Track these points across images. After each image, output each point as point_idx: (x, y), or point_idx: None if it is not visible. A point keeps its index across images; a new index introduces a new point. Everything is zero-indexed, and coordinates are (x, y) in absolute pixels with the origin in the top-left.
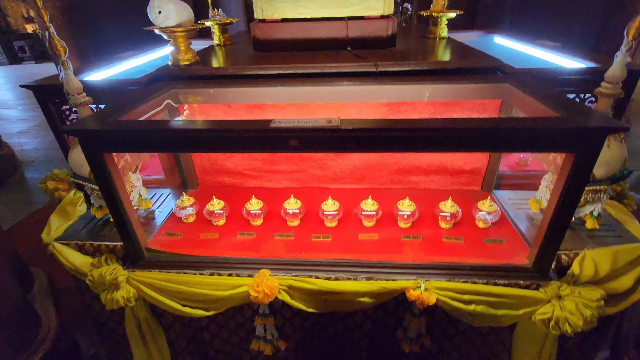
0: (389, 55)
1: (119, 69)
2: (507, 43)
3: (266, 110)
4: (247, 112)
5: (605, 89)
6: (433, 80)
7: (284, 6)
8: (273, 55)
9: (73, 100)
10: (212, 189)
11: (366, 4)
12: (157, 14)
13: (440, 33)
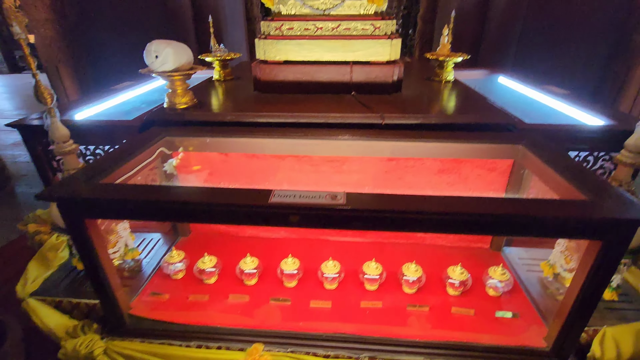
0: (395, 102)
1: (115, 102)
2: (512, 84)
3: (266, 162)
4: (245, 163)
5: (626, 157)
6: (442, 136)
7: (288, 49)
8: (274, 98)
9: (58, 149)
10: (204, 237)
11: (372, 49)
12: (154, 59)
13: (447, 77)
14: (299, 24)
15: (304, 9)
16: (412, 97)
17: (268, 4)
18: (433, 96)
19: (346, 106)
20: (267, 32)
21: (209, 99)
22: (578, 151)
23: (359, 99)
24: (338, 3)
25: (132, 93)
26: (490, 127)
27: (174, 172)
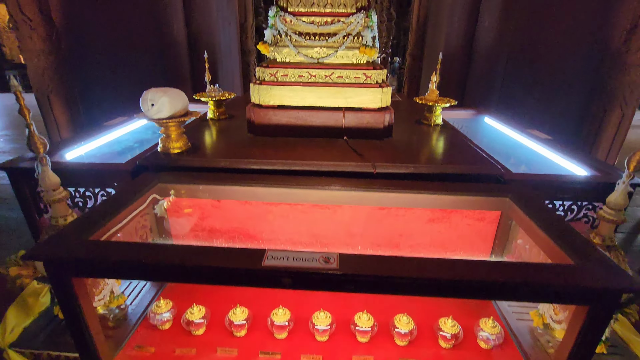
0: (386, 149)
1: (108, 139)
2: (497, 126)
3: (258, 209)
4: (237, 210)
5: (608, 214)
6: (431, 187)
7: (282, 94)
8: (267, 141)
9: (48, 197)
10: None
11: (364, 97)
12: (150, 107)
13: (435, 120)
14: (293, 71)
15: (298, 57)
16: (402, 143)
17: (264, 51)
18: (423, 143)
19: (339, 152)
20: (262, 78)
21: (202, 142)
22: (562, 200)
23: (351, 145)
24: (331, 53)
25: (125, 129)
26: (479, 177)
27: (164, 215)
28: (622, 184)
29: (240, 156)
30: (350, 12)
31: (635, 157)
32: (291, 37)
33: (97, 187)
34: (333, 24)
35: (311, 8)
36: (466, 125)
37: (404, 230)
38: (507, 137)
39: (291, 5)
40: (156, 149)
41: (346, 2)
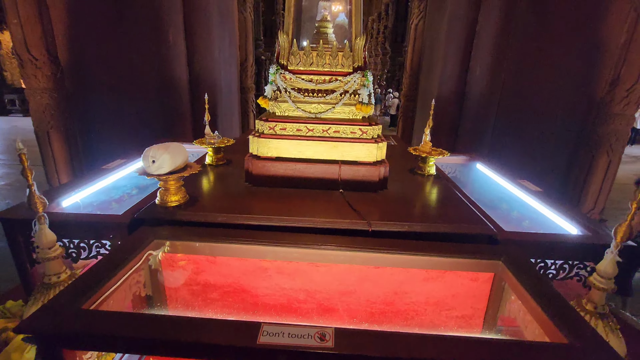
0: (381, 203)
1: (106, 183)
2: (489, 174)
3: (253, 267)
4: (232, 267)
5: (598, 282)
6: (426, 248)
7: (280, 147)
8: (265, 193)
9: (43, 254)
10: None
11: (360, 151)
12: (151, 163)
13: (429, 171)
14: (291, 125)
15: (297, 112)
16: (397, 197)
17: (264, 105)
18: (417, 197)
19: (335, 206)
20: (261, 131)
21: (200, 192)
22: (554, 259)
23: (347, 199)
24: (329, 109)
25: (123, 172)
26: (472, 236)
27: (159, 268)
28: (611, 254)
29: (238, 209)
30: (347, 72)
31: (621, 228)
32: (290, 93)
33: (93, 238)
34: (331, 82)
35: (310, 67)
36: (459, 171)
37: (398, 289)
38: (498, 186)
39: (291, 64)
40: (154, 201)
41: (344, 62)
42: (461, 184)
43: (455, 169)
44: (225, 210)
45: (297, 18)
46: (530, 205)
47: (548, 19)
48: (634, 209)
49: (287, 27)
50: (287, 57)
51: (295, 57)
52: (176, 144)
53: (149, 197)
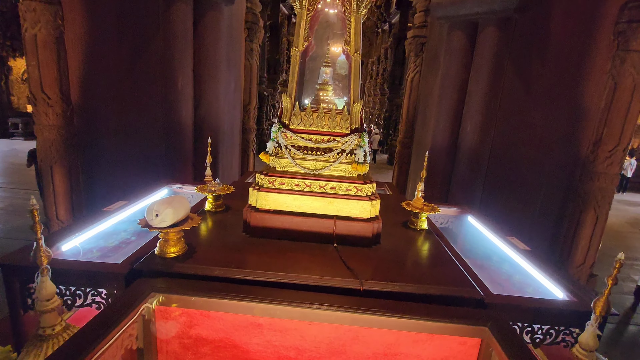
0: (374, 259)
1: (106, 226)
2: (479, 227)
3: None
4: (226, 322)
5: (580, 354)
6: (416, 311)
7: (279, 200)
8: (261, 245)
9: (40, 306)
10: None
11: (355, 208)
12: (154, 217)
13: (421, 225)
14: (290, 180)
15: (296, 168)
16: (390, 253)
17: (264, 159)
18: (409, 253)
19: (328, 261)
20: (261, 184)
21: (199, 243)
22: (540, 324)
23: (341, 255)
24: (326, 166)
25: (124, 214)
26: (461, 299)
27: (152, 319)
28: (591, 327)
29: (234, 263)
30: (345, 133)
31: (599, 302)
32: (290, 150)
33: (89, 286)
34: (329, 141)
35: (310, 127)
36: (451, 223)
37: (388, 350)
38: (488, 241)
39: (292, 124)
40: (153, 250)
41: (341, 124)
42: (452, 238)
43: (447, 220)
44: (222, 263)
45: (300, 82)
46: (518, 264)
47: (533, 83)
48: (610, 285)
49: (290, 90)
50: (289, 117)
51: (296, 117)
52: (179, 197)
53: (149, 244)
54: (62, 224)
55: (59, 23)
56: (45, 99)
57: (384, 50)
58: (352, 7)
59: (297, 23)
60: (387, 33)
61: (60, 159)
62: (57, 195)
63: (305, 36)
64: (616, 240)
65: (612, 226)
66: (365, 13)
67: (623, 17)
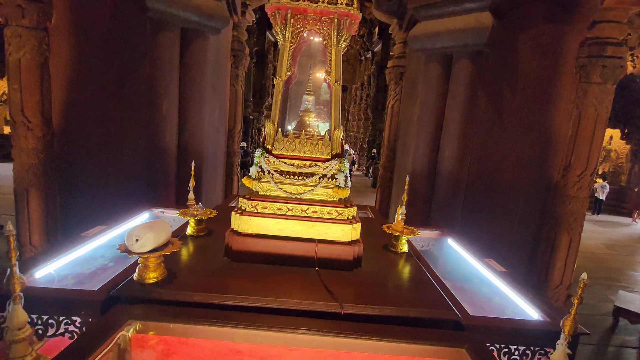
0: (355, 283)
1: (84, 251)
2: (459, 250)
3: (226, 349)
4: (205, 349)
5: None
6: (395, 334)
7: (261, 225)
8: (243, 270)
9: (11, 336)
10: None
11: (336, 231)
12: (134, 242)
13: (402, 248)
14: (273, 204)
15: (278, 192)
16: (370, 276)
17: (248, 184)
18: (389, 276)
19: (310, 285)
20: (243, 208)
21: (179, 268)
22: (516, 345)
23: (322, 278)
24: (308, 190)
25: (102, 239)
26: (439, 321)
27: (127, 347)
28: (561, 346)
29: (214, 288)
30: (326, 158)
31: (567, 322)
32: (273, 175)
33: (63, 315)
34: (311, 166)
35: (293, 152)
36: (432, 245)
37: None
38: (467, 263)
39: (275, 149)
40: (132, 276)
41: (323, 150)
42: (433, 260)
43: (428, 243)
44: (203, 288)
45: (283, 109)
46: (495, 286)
47: (505, 112)
48: (576, 304)
49: (273, 117)
50: (272, 142)
51: (279, 143)
52: (160, 221)
53: (127, 270)
54: (35, 249)
55: (45, 48)
56: (25, 122)
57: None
58: (333, 40)
59: (281, 54)
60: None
61: (37, 182)
62: (31, 220)
63: (288, 66)
64: (593, 262)
65: (588, 248)
66: (345, 46)
67: (583, 53)
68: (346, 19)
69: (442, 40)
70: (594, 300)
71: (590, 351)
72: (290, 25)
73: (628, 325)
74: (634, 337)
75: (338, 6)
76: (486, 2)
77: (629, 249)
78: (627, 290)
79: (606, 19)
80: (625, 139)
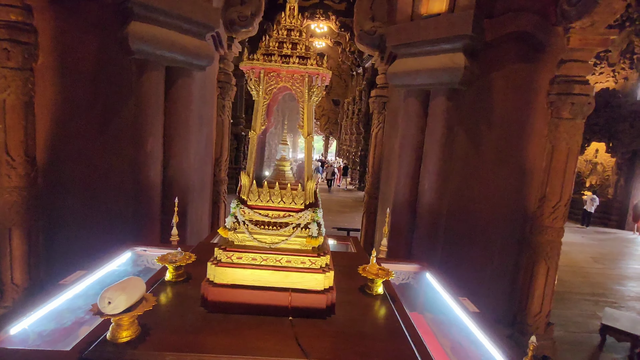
0: (327, 333)
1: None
2: (436, 286)
3: None
4: None
5: None
6: None
7: (236, 275)
8: (218, 322)
9: None
10: None
11: (309, 280)
12: (107, 304)
13: (377, 290)
14: (247, 255)
15: (253, 242)
16: (343, 326)
17: (223, 234)
18: (361, 326)
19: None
20: (219, 259)
21: (155, 322)
22: None
23: (295, 330)
24: (282, 240)
25: (81, 286)
26: None
27: None
28: None
29: (189, 344)
30: (300, 208)
31: None
32: (248, 225)
33: None
34: (285, 217)
35: (267, 203)
36: (412, 279)
37: None
38: (441, 301)
39: (250, 200)
40: (105, 335)
41: (297, 200)
42: (412, 296)
43: (408, 276)
44: (176, 346)
45: (257, 162)
46: (467, 328)
47: (482, 145)
48: None
49: (248, 169)
50: (247, 194)
51: (254, 194)
52: (134, 279)
53: (101, 327)
54: (17, 287)
55: (30, 88)
56: (9, 161)
57: (359, 92)
58: (305, 96)
59: (255, 109)
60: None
61: (20, 220)
62: (13, 259)
63: (263, 121)
64: (581, 276)
65: (577, 262)
66: (317, 101)
67: (553, 90)
68: (317, 76)
69: (420, 77)
70: (581, 318)
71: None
72: (263, 82)
73: (615, 343)
74: (621, 355)
75: (308, 67)
76: (460, 44)
77: (616, 262)
78: (614, 306)
79: (572, 58)
80: (610, 152)
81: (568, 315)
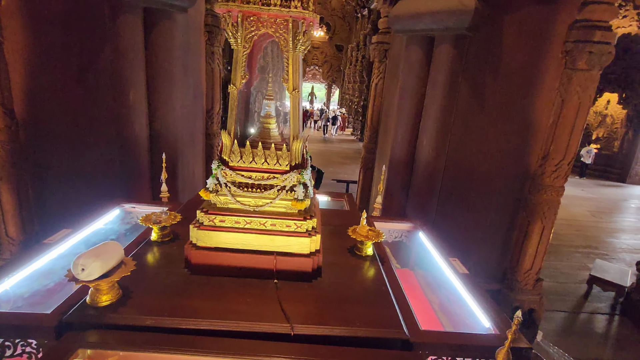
0: (312, 296)
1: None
2: (427, 245)
3: None
4: None
5: None
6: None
7: (219, 239)
8: (201, 284)
9: None
10: None
11: (295, 244)
12: (80, 271)
13: (366, 251)
14: (230, 218)
15: (236, 205)
16: (328, 288)
17: (205, 197)
18: (347, 289)
19: (267, 302)
20: (201, 222)
21: (137, 285)
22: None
23: (279, 294)
24: (267, 203)
25: (65, 246)
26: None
27: None
28: None
29: (170, 308)
30: (285, 170)
31: (501, 354)
32: (230, 187)
33: (18, 337)
34: (269, 179)
35: (250, 164)
36: (404, 237)
37: None
38: (432, 262)
39: (232, 162)
40: (85, 298)
41: (281, 161)
42: (404, 254)
43: (401, 234)
44: (157, 309)
45: (239, 119)
46: (455, 289)
47: (486, 99)
48: (510, 338)
49: (229, 127)
50: (228, 154)
51: (235, 155)
52: (111, 244)
53: (81, 290)
54: (12, 240)
55: None
56: None
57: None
58: (289, 45)
59: (234, 60)
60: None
61: (6, 174)
62: (5, 213)
63: (243, 73)
64: (575, 229)
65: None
66: (303, 50)
67: (571, 37)
68: (302, 22)
69: (423, 22)
70: (571, 269)
71: (562, 318)
72: (242, 28)
73: (601, 292)
74: (605, 304)
75: (292, 10)
76: None
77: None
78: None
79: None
80: (622, 104)
81: (558, 267)
